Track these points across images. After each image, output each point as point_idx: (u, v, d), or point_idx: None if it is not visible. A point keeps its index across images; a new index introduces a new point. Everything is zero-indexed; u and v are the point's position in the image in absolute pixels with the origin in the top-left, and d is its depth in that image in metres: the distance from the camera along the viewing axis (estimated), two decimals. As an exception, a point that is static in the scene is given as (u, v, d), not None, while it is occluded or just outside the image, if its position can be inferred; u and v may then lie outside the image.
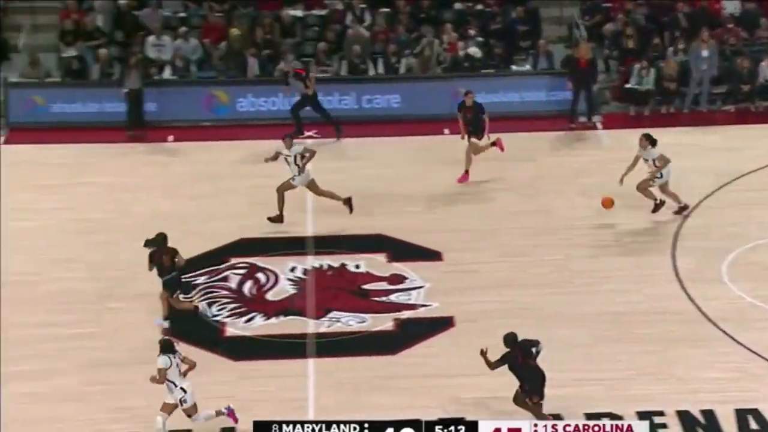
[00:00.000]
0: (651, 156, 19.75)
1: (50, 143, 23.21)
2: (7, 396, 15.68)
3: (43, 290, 18.26)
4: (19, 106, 23.91)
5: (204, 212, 20.60)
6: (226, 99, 24.47)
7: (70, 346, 16.90)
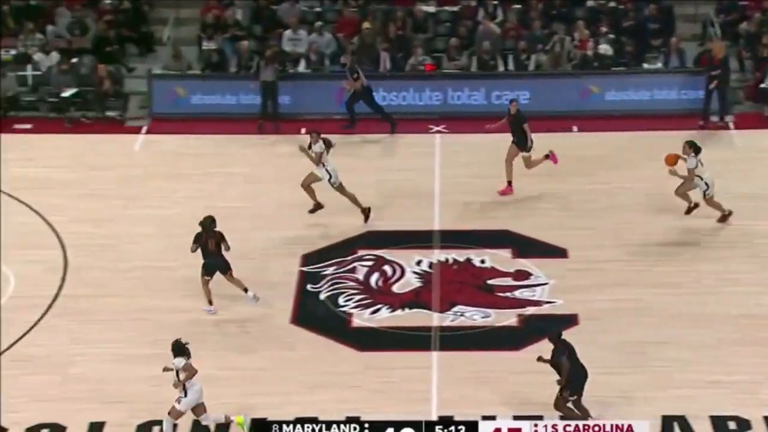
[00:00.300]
0: (690, 165, 19.15)
1: (189, 133, 23.61)
2: (143, 378, 16.02)
3: (179, 276, 18.56)
4: (162, 97, 24.33)
5: (333, 204, 20.71)
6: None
7: (205, 332, 17.17)
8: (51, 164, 21.91)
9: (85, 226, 19.75)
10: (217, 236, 17.41)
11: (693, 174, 19.14)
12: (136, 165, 22.24)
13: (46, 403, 15.34)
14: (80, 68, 24.60)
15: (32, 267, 18.45)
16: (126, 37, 26.13)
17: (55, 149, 22.65)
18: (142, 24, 26.44)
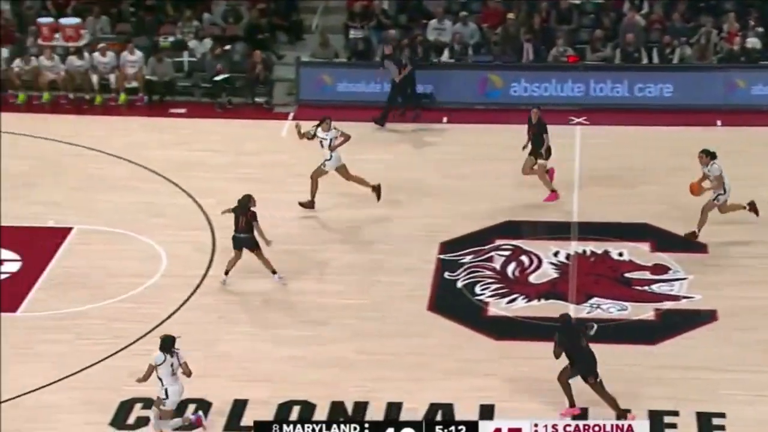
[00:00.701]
0: (714, 172, 18.43)
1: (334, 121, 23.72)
2: (285, 358, 16.24)
3: (320, 259, 18.73)
4: (309, 84, 24.54)
5: (472, 192, 20.66)
6: (500, 83, 24.42)
7: (342, 315, 17.32)
8: (203, 148, 22.34)
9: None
10: (248, 216, 17.59)
11: (721, 180, 18.45)
12: (282, 150, 22.51)
13: (193, 379, 15.60)
14: (233, 55, 25.00)
15: (183, 247, 18.85)
16: (277, 25, 26.46)
17: (207, 133, 23.08)
18: (292, 13, 26.74)
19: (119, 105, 24.12)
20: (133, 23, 25.97)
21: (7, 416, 14.83)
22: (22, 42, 25.06)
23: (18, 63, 24.19)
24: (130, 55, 24.33)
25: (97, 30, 25.62)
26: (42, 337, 16.52)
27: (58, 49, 24.70)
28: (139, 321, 16.82)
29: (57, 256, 18.45)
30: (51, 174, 21.09)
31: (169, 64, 24.48)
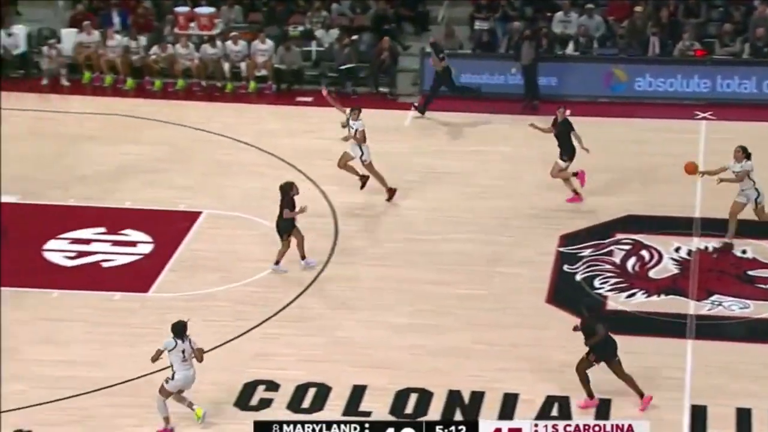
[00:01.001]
0: (744, 168, 17.84)
1: (456, 111, 23.73)
2: (403, 346, 16.30)
3: (440, 249, 18.74)
4: (432, 75, 24.30)
5: (592, 186, 20.39)
6: (625, 77, 24.05)
7: (461, 305, 17.30)
8: (328, 136, 22.46)
9: (356, 196, 20.20)
10: (285, 202, 17.58)
11: (742, 177, 17.92)
12: (404, 140, 22.54)
13: (314, 363, 15.82)
14: (359, 45, 25.10)
15: (306, 233, 18.97)
16: (403, 15, 26.51)
17: (333, 122, 23.11)
18: (419, 3, 26.73)
19: (249, 93, 24.46)
20: (265, 13, 26.28)
21: (141, 393, 15.19)
22: (160, 30, 25.58)
23: (155, 50, 24.70)
24: (261, 44, 24.63)
25: (230, 19, 26.00)
26: (171, 317, 16.74)
27: (193, 38, 25.14)
28: (263, 305, 17.05)
29: (187, 239, 18.82)
30: (183, 159, 21.49)
31: (297, 53, 24.71)
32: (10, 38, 24.65)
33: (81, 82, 24.50)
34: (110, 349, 16.08)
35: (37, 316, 16.78)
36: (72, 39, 24.82)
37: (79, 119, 22.84)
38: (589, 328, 14.76)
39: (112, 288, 17.49)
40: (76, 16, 25.75)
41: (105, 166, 21.05)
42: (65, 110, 23.41)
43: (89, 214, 19.35)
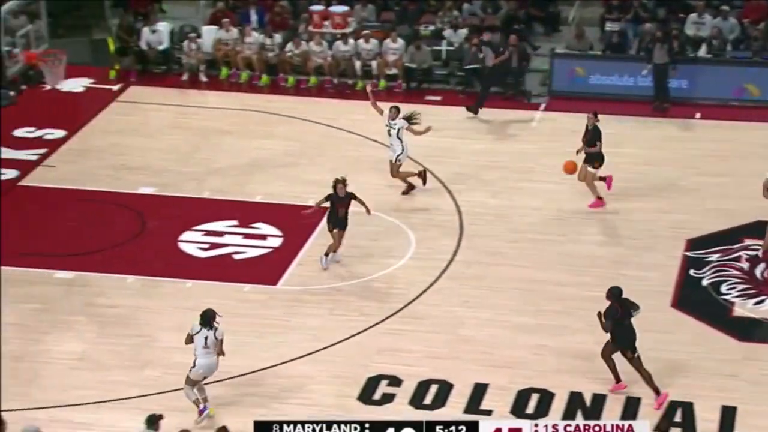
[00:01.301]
0: None
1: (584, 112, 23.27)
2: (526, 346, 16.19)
3: (564, 250, 18.56)
4: (561, 76, 24.25)
5: (722, 190, 19.98)
6: (757, 92, 23.42)
7: (586, 307, 17.08)
8: (455, 135, 22.47)
9: (481, 196, 20.14)
10: (346, 206, 17.70)
11: None
12: (532, 140, 22.37)
13: (437, 360, 15.83)
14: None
15: (431, 231, 19.04)
16: (534, 16, 26.30)
17: (460, 121, 23.18)
18: (550, 4, 26.49)
19: (379, 91, 24.55)
20: (397, 12, 26.35)
21: (267, 383, 15.44)
22: (295, 28, 25.86)
23: (290, 47, 24.99)
24: (392, 43, 24.70)
25: (363, 18, 26.14)
26: (298, 310, 17.07)
27: (327, 36, 25.36)
28: (388, 300, 17.12)
29: (315, 233, 18.98)
30: (313, 155, 21.68)
31: (427, 52, 24.70)
32: (154, 35, 25.22)
33: (218, 78, 24.94)
34: (239, 338, 16.29)
35: (172, 305, 17.15)
36: (212, 36, 25.27)
37: (215, 114, 23.24)
38: (606, 317, 14.91)
39: (242, 280, 17.76)
40: (216, 13, 26.20)
41: (238, 160, 21.38)
42: (203, 105, 23.83)
43: (222, 206, 19.69)
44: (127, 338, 16.38)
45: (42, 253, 18.26)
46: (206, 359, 14.58)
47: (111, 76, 24.79)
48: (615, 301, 14.97)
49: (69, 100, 24.01)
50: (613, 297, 15.00)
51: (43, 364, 15.77)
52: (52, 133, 22.35)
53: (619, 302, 14.98)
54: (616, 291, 15.04)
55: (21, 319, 16.52)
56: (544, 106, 23.91)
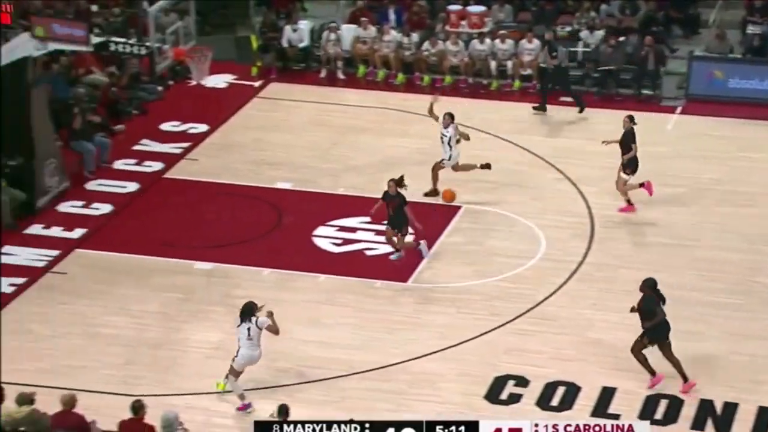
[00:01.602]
0: None
1: (722, 116, 22.93)
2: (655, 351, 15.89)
3: (698, 255, 18.23)
4: (699, 79, 23.73)
5: None
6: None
7: (718, 313, 16.77)
8: (587, 136, 22.23)
9: (613, 198, 19.85)
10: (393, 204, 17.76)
11: None
12: (665, 143, 21.99)
13: (565, 363, 15.72)
14: (626, 47, 24.60)
15: (562, 232, 18.90)
16: (673, 18, 25.84)
17: (594, 123, 22.93)
18: (690, 6, 25.97)
19: (513, 91, 24.46)
20: (534, 12, 26.19)
21: (396, 378, 15.56)
22: (432, 27, 25.93)
23: (426, 46, 25.06)
24: (528, 44, 24.56)
25: (500, 18, 26.04)
26: (427, 308, 17.15)
27: (463, 36, 25.35)
28: (517, 301, 17.07)
29: (446, 232, 19.04)
30: (446, 154, 21.73)
31: (564, 53, 24.46)
32: (295, 33, 25.59)
33: (356, 76, 25.17)
34: (369, 334, 16.51)
35: (305, 298, 17.40)
36: (351, 34, 25.52)
37: (353, 111, 23.46)
38: (648, 310, 14.71)
39: (374, 276, 17.92)
40: (355, 12, 26.47)
41: (374, 158, 21.55)
42: (341, 102, 24.08)
43: (356, 203, 19.87)
44: (262, 330, 16.71)
45: (184, 245, 18.74)
46: (250, 351, 14.82)
47: (253, 73, 25.26)
48: (652, 292, 14.91)
49: (213, 95, 24.51)
50: (649, 288, 14.95)
51: (181, 352, 16.19)
52: (196, 128, 22.85)
53: (656, 293, 14.91)
54: (650, 282, 15.01)
55: (162, 307, 17.00)
56: (680, 109, 23.50)
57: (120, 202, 20.15)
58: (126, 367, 15.85)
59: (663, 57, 24.23)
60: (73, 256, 18.56)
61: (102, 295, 17.45)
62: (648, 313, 14.91)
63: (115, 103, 23.09)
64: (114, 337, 16.47)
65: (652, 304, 14.93)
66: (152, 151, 21.97)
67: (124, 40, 22.77)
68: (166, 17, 25.46)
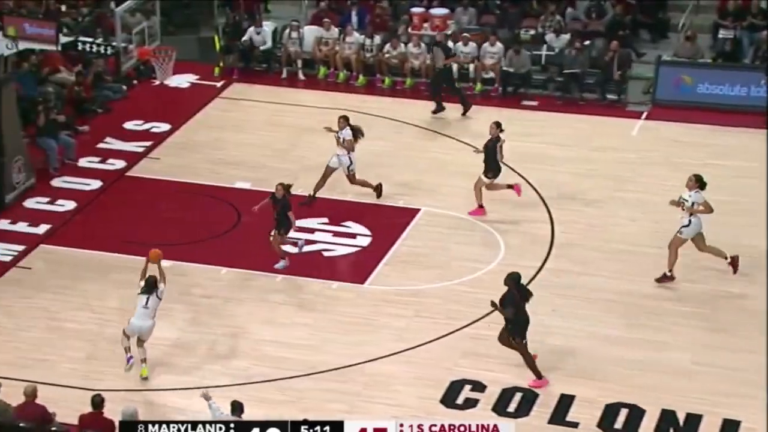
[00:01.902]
0: (696, 200, 16.75)
1: (690, 122, 23.00)
2: (615, 359, 15.99)
3: (661, 264, 17.86)
4: (667, 84, 23.73)
5: None
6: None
7: (683, 323, 16.75)
8: (551, 141, 22.33)
9: (575, 204, 19.95)
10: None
11: (699, 210, 16.93)
12: (632, 149, 22.08)
13: (523, 368, 15.60)
14: (591, 51, 24.71)
15: (521, 238, 18.92)
16: (641, 22, 25.96)
17: (557, 127, 23.03)
18: (659, 10, 26.07)
19: (474, 94, 24.51)
20: (498, 15, 26.27)
21: (353, 380, 15.57)
22: (395, 30, 25.96)
23: (388, 48, 25.08)
24: (491, 47, 24.63)
25: (464, 21, 26.11)
26: (385, 310, 17.14)
27: (425, 38, 25.40)
28: (474, 305, 17.01)
29: (403, 235, 19.06)
30: (405, 156, 21.73)
31: (527, 57, 24.58)
32: (259, 36, 25.62)
33: (316, 77, 25.19)
34: (325, 335, 16.49)
35: (262, 298, 17.39)
36: (313, 35, 25.53)
37: (311, 113, 23.47)
38: (507, 305, 15.17)
39: (330, 277, 17.93)
40: (318, 13, 26.48)
41: (331, 159, 21.56)
42: (300, 103, 24.09)
43: (314, 204, 19.88)
44: (219, 328, 16.68)
45: (143, 242, 18.69)
46: (140, 321, 15.41)
47: (215, 73, 25.27)
48: (514, 287, 15.09)
49: (176, 95, 24.54)
50: (513, 282, 15.13)
51: (139, 349, 16.18)
52: (159, 127, 22.89)
53: (517, 288, 15.10)
54: (515, 276, 15.26)
55: (123, 303, 16.95)
56: (645, 114, 23.57)
57: (84, 198, 20.28)
58: (88, 361, 15.96)
59: (629, 61, 24.34)
60: (38, 251, 18.71)
61: (65, 290, 17.60)
62: (507, 308, 15.23)
63: (81, 102, 23.22)
64: (76, 332, 16.59)
65: (509, 298, 15.19)
66: (115, 149, 22.04)
67: (91, 40, 23.03)
68: (132, 17, 25.52)
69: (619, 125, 23.06)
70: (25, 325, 16.84)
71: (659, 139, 22.52)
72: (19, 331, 16.68)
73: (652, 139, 22.54)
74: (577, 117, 23.41)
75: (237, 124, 23.12)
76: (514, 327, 15.30)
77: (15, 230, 19.32)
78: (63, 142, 21.49)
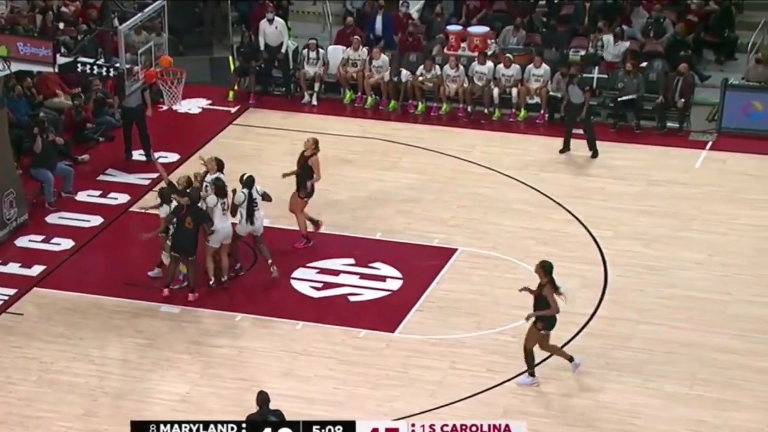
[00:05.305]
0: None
1: (760, 153, 23.07)
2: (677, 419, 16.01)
3: (732, 312, 18.28)
4: (734, 111, 23.83)
5: None
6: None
7: (756, 379, 16.82)
8: (603, 174, 22.40)
9: (632, 245, 20.05)
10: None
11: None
12: (695, 183, 22.17)
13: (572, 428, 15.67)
14: (648, 73, 24.83)
15: (571, 281, 18.89)
16: (705, 41, 26.05)
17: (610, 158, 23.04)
18: (726, 28, 26.16)
19: (518, 121, 24.67)
20: (544, 34, 26.41)
21: None
22: (429, 50, 26.13)
23: (421, 71, 25.23)
24: (536, 69, 24.79)
25: (512, 42, 26.13)
26: (417, 362, 17.25)
27: (463, 59, 25.55)
28: (517, 357, 17.04)
29: (438, 277, 19.19)
30: (440, 190, 21.89)
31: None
32: (272, 26, 25.71)
33: (341, 102, 25.45)
34: (351, 389, 16.60)
35: (280, 347, 17.53)
36: (338, 56, 25.75)
37: (336, 141, 23.70)
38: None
39: (357, 324, 18.07)
40: (344, 31, 26.70)
41: (358, 193, 21.76)
42: (323, 131, 24.27)
43: (339, 243, 20.06)
44: (232, 381, 16.82)
45: (147, 285, 18.92)
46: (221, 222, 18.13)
47: (229, 98, 25.59)
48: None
49: (185, 121, 24.83)
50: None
51: (145, 405, 16.28)
52: (166, 157, 22.99)
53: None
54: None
55: (125, 354, 17.16)
56: (710, 144, 23.66)
57: (82, 237, 20.44)
58: (85, 419, 16.02)
59: (692, 85, 24.38)
60: (30, 295, 18.88)
61: (60, 338, 17.73)
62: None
63: (80, 127, 23.44)
64: (72, 386, 16.69)
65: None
66: (118, 181, 22.30)
67: (92, 60, 23.08)
68: (137, 36, 25.70)
69: (681, 156, 23.17)
70: (16, 377, 16.92)
71: (726, 173, 22.63)
72: (8, 384, 16.77)
73: (717, 172, 22.64)
74: (634, 147, 23.51)
75: (253, 154, 23.34)
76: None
77: (5, 272, 19.46)
78: (60, 172, 21.63)
